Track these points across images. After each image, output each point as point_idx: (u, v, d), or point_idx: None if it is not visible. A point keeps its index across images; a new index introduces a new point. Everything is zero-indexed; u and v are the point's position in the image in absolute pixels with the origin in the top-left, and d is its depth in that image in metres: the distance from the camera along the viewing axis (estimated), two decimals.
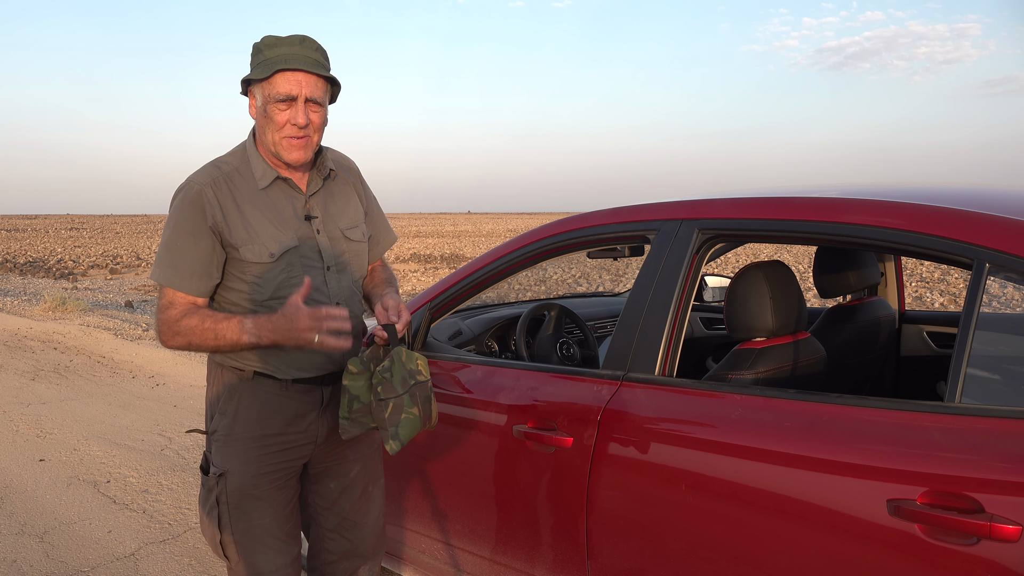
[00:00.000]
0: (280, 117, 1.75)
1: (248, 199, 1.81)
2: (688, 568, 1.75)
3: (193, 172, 1.83)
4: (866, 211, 1.73)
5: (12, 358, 7.43)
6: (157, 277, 1.79)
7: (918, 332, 3.01)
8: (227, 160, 1.85)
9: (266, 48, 1.73)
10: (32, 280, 18.50)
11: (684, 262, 1.96)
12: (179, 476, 4.18)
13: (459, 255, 28.72)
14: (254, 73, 1.74)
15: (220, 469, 1.86)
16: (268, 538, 1.89)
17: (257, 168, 1.83)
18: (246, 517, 1.87)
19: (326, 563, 2.11)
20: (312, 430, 1.92)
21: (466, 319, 3.12)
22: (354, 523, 2.07)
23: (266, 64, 1.72)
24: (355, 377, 1.82)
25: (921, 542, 1.41)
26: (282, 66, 1.70)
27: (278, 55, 1.72)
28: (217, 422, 1.87)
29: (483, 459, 2.22)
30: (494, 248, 2.45)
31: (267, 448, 1.87)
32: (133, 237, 46.30)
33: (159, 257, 1.81)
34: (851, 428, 1.56)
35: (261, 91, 1.75)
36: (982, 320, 1.53)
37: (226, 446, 1.86)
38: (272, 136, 1.77)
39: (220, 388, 1.88)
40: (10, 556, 3.21)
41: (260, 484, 1.86)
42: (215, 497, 1.87)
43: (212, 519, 1.88)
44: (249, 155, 1.85)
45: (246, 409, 1.85)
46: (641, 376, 1.94)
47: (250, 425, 1.85)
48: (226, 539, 1.87)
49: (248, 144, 1.87)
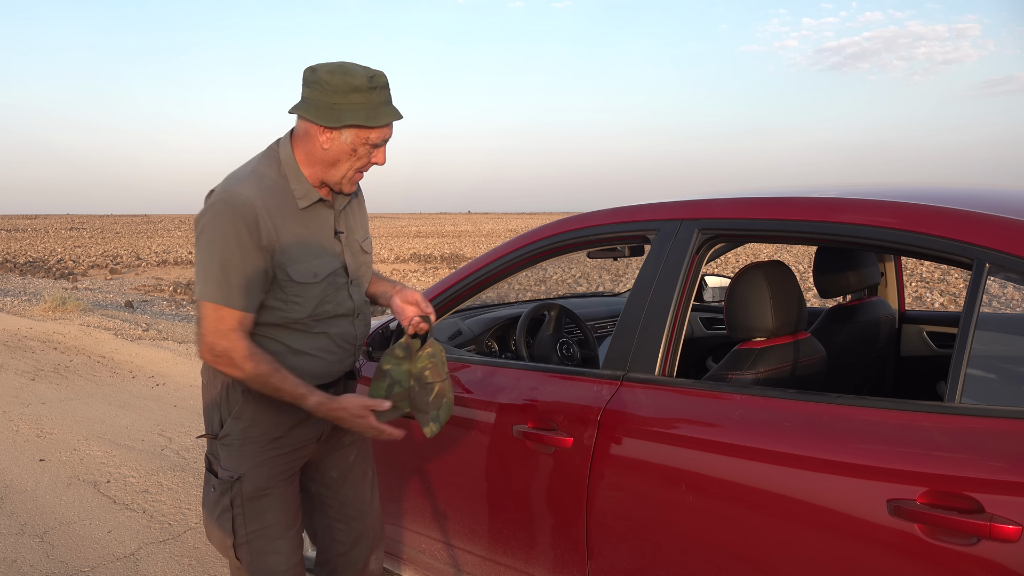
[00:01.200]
0: (370, 158, 1.81)
1: (291, 217, 1.79)
2: (688, 568, 1.75)
3: (233, 178, 1.78)
4: (866, 211, 1.73)
5: (12, 358, 7.43)
6: (209, 296, 1.72)
7: (918, 332, 3.01)
8: (266, 172, 1.80)
9: (368, 92, 1.73)
10: (32, 280, 18.50)
11: (684, 262, 1.96)
12: (179, 476, 4.18)
13: (459, 255, 28.72)
14: (360, 119, 1.73)
15: (235, 472, 1.85)
16: (281, 538, 1.91)
17: (298, 187, 1.81)
18: (260, 518, 1.88)
19: (337, 555, 2.12)
20: (316, 428, 1.95)
21: (466, 319, 3.12)
22: (360, 510, 2.11)
23: (373, 113, 1.74)
24: (399, 362, 1.88)
25: (921, 542, 1.41)
26: (392, 119, 1.78)
27: (384, 105, 1.76)
28: (231, 426, 1.85)
29: (483, 459, 2.22)
30: (494, 248, 2.45)
31: (279, 449, 1.89)
32: (133, 237, 46.32)
33: (207, 273, 1.72)
34: (851, 428, 1.56)
35: (358, 133, 1.75)
36: (982, 320, 1.53)
37: (241, 449, 1.85)
38: (346, 170, 1.80)
39: (228, 393, 1.86)
40: (10, 556, 3.21)
41: (273, 484, 1.89)
42: (228, 500, 1.86)
43: (225, 523, 1.87)
44: (288, 171, 1.81)
45: (261, 413, 1.85)
46: (641, 376, 1.94)
47: (265, 428, 1.86)
48: (239, 542, 1.88)
49: (287, 159, 1.81)
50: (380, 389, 1.87)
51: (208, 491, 1.92)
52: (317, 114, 1.73)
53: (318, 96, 1.73)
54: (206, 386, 1.92)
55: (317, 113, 1.73)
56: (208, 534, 1.96)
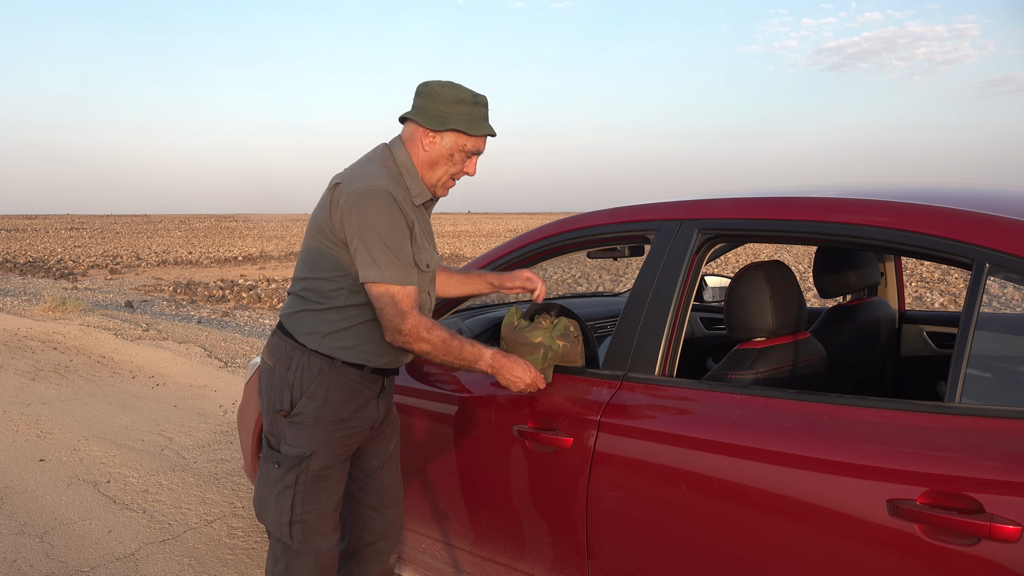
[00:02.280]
0: (465, 166, 2.03)
1: (411, 211, 1.98)
2: (688, 568, 1.75)
3: (370, 174, 1.93)
4: (866, 211, 1.73)
5: (12, 358, 7.43)
6: (391, 279, 1.88)
7: (918, 332, 3.01)
8: (392, 169, 1.98)
9: (472, 105, 1.96)
10: (32, 280, 18.51)
11: (684, 262, 1.96)
12: (179, 476, 4.18)
13: (459, 255, 28.73)
14: (463, 126, 1.95)
15: (305, 450, 1.96)
16: (330, 520, 2.03)
17: (413, 186, 2.01)
18: (316, 498, 1.99)
19: (365, 544, 2.21)
20: (372, 415, 2.07)
21: (466, 319, 3.12)
22: (392, 499, 2.22)
23: (474, 124, 1.96)
24: (544, 331, 2.07)
25: (921, 542, 1.41)
26: (490, 132, 2.00)
27: (483, 118, 1.98)
28: (304, 405, 1.96)
29: (483, 459, 2.22)
30: (494, 248, 2.46)
31: (344, 430, 2.01)
32: (133, 237, 46.33)
33: (382, 258, 1.88)
34: (851, 428, 1.56)
35: (457, 139, 1.97)
36: (982, 320, 1.53)
37: (313, 428, 1.97)
38: (442, 176, 2.02)
39: (307, 372, 1.97)
40: (10, 556, 3.21)
41: (334, 464, 2.01)
42: (294, 476, 1.96)
43: (285, 499, 1.97)
44: (404, 171, 2.00)
45: (334, 393, 1.97)
46: (641, 376, 1.94)
47: (335, 408, 1.98)
48: (295, 519, 1.97)
49: (402, 159, 2.01)
50: (537, 361, 2.05)
51: (269, 469, 2.00)
52: (425, 119, 1.96)
53: (428, 104, 1.96)
54: (275, 367, 2.01)
55: (425, 118, 1.96)
56: (259, 512, 2.03)
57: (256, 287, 16.42)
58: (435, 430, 2.37)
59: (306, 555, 1.99)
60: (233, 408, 5.63)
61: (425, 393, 2.43)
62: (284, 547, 2.01)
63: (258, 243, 38.09)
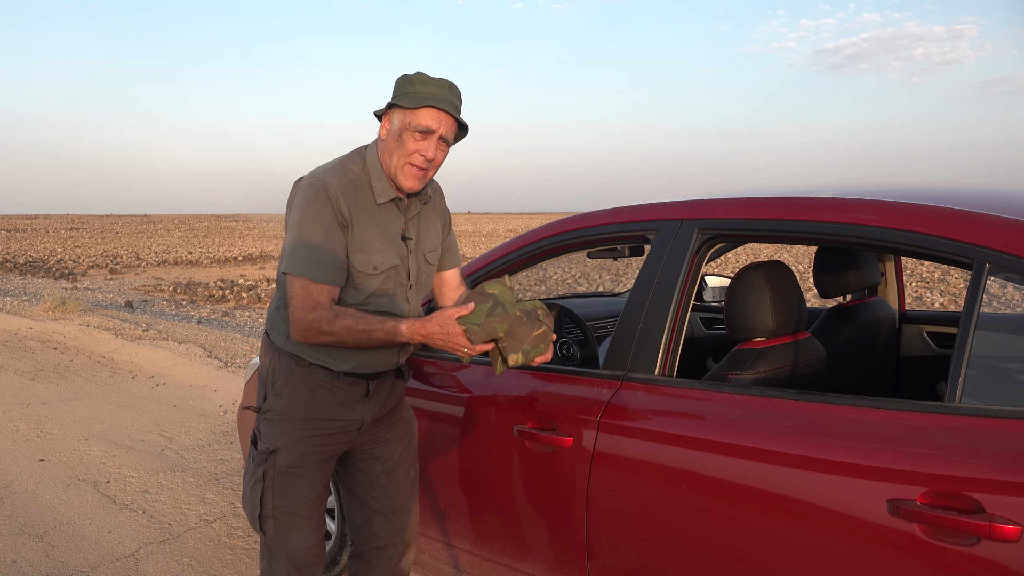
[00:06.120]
0: (412, 146, 1.88)
1: (365, 211, 1.92)
2: (688, 568, 1.75)
3: (321, 169, 1.92)
4: (866, 211, 1.73)
5: (12, 358, 7.43)
6: (297, 270, 1.85)
7: (918, 332, 3.01)
8: (351, 168, 1.94)
9: (418, 83, 1.88)
10: (32, 280, 18.50)
11: (684, 262, 1.96)
12: (179, 476, 4.18)
13: None
14: (403, 101, 1.87)
15: (271, 446, 1.97)
16: (304, 517, 2.00)
17: (378, 184, 1.95)
18: (287, 495, 1.98)
19: (373, 548, 2.19)
20: (357, 417, 2.04)
21: None
22: (401, 506, 2.18)
23: (415, 97, 1.86)
24: (506, 290, 1.92)
25: (921, 542, 1.41)
26: (430, 103, 1.85)
27: (428, 92, 1.87)
28: (272, 402, 1.98)
29: (483, 459, 2.22)
30: (494, 248, 2.46)
31: (316, 430, 1.99)
32: (133, 237, 46.33)
33: (295, 251, 1.86)
34: (851, 428, 1.56)
35: (402, 118, 1.88)
36: (982, 320, 1.53)
37: (280, 425, 1.97)
38: (397, 160, 1.91)
39: (276, 370, 1.99)
40: (10, 556, 3.21)
41: (305, 463, 1.98)
42: (262, 472, 1.97)
43: (255, 493, 1.99)
44: (371, 169, 1.95)
45: (300, 393, 1.97)
46: (641, 376, 1.94)
47: (302, 407, 1.97)
48: (266, 514, 1.98)
49: (371, 158, 1.96)
50: (482, 310, 1.88)
51: (248, 463, 2.05)
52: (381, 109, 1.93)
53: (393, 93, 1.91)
54: (262, 364, 2.05)
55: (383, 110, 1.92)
56: (243, 504, 2.07)
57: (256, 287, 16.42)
58: (435, 430, 2.37)
59: (279, 551, 1.99)
60: (233, 408, 5.63)
61: (425, 393, 2.43)
62: (265, 542, 2.04)
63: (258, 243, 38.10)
